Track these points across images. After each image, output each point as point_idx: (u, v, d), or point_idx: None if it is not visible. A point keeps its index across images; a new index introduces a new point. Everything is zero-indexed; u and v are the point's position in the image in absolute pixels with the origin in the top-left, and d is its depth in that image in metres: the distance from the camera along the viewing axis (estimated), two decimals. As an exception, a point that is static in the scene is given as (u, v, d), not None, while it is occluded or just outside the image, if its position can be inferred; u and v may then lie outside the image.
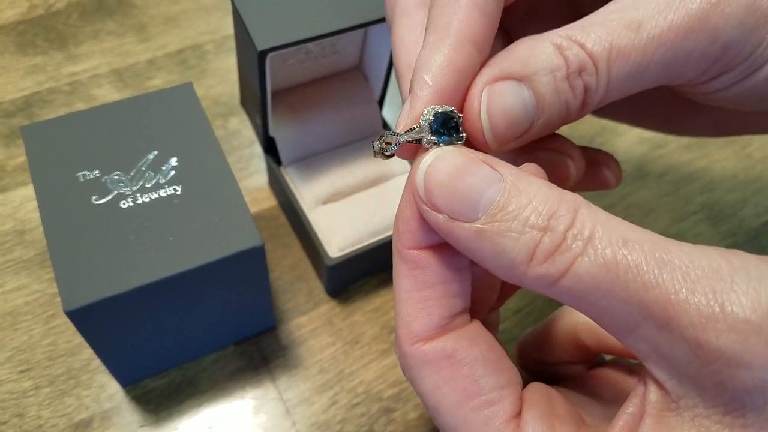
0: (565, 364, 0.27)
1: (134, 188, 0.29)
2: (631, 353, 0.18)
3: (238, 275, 0.29)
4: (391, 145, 0.19)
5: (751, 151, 0.47)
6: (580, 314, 0.21)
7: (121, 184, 0.29)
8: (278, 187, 0.39)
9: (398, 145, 0.19)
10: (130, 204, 0.28)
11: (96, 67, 0.45)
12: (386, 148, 0.19)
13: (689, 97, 0.23)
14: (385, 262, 0.38)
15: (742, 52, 0.19)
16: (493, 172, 0.18)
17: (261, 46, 0.31)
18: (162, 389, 0.33)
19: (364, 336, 0.36)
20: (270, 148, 0.39)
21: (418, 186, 0.18)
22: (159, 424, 0.32)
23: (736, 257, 0.16)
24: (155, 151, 0.30)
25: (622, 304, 0.16)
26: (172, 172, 0.30)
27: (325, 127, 0.39)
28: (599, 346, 0.25)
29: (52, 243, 0.27)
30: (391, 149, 0.19)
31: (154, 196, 0.29)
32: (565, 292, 0.17)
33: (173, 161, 0.30)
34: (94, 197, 0.28)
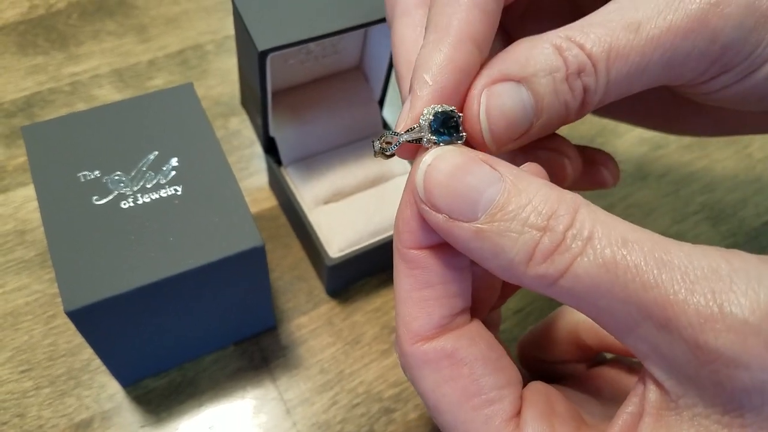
0: (566, 362, 0.27)
1: (135, 188, 0.29)
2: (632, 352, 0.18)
3: (239, 275, 0.29)
4: (391, 144, 0.19)
5: (751, 151, 0.47)
6: (581, 313, 0.21)
7: (122, 185, 0.29)
8: (278, 187, 0.39)
9: (398, 145, 0.19)
10: (131, 204, 0.28)
11: (97, 68, 0.46)
12: (386, 147, 0.19)
13: (689, 97, 0.23)
14: (386, 263, 0.38)
15: (742, 52, 0.19)
16: (493, 172, 0.18)
17: (261, 47, 0.31)
18: (162, 389, 0.33)
19: (365, 336, 0.36)
20: (270, 148, 0.39)
21: (417, 186, 0.18)
22: (159, 425, 0.32)
23: (736, 257, 0.16)
24: (156, 152, 0.30)
25: (621, 304, 0.16)
26: (173, 173, 0.30)
27: (326, 127, 0.39)
28: (600, 345, 0.25)
29: (53, 243, 0.27)
30: (391, 149, 0.19)
31: (154, 196, 0.29)
32: (565, 292, 0.17)
33: (174, 161, 0.30)
34: (94, 197, 0.28)
